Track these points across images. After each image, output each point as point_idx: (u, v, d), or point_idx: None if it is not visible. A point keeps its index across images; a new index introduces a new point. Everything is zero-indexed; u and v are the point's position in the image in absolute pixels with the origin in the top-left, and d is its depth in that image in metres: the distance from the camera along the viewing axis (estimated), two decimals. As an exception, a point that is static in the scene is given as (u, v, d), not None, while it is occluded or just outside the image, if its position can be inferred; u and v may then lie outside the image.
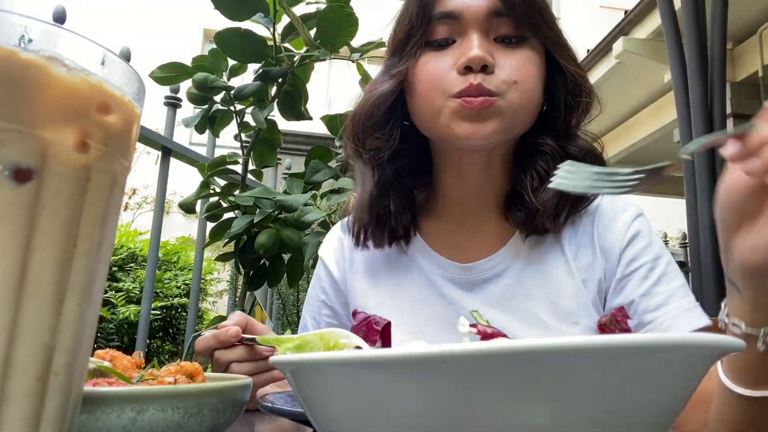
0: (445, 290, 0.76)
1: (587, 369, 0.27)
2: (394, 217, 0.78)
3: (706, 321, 0.68)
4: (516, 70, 0.66)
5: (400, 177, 0.78)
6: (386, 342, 0.50)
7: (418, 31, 0.68)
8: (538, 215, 0.72)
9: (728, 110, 3.48)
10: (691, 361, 0.29)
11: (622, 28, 3.93)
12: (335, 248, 0.87)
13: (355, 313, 0.51)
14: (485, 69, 0.65)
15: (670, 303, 0.68)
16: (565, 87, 0.72)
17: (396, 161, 0.76)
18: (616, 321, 0.43)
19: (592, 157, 0.73)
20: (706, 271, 1.91)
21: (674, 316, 0.68)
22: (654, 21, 3.66)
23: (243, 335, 0.67)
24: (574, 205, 0.73)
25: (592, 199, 0.74)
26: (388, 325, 0.50)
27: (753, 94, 3.85)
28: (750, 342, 0.46)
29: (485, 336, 0.41)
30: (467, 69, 0.65)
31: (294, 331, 0.82)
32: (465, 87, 0.65)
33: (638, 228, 0.74)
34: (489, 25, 0.67)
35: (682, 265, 3.76)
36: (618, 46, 3.91)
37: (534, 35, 0.68)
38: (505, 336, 0.41)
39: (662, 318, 0.68)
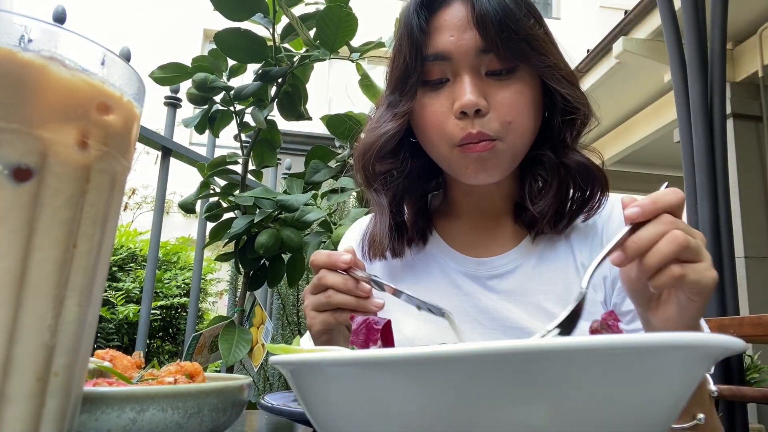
0: (460, 282, 0.80)
1: (586, 369, 0.27)
2: (412, 225, 0.82)
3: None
4: (509, 110, 0.69)
5: (414, 187, 0.82)
6: (386, 342, 0.50)
7: (414, 72, 0.71)
8: (539, 221, 0.76)
9: (728, 110, 3.49)
10: (690, 361, 0.29)
11: (622, 28, 3.93)
12: (357, 241, 0.89)
13: (352, 317, 0.51)
14: (479, 113, 0.68)
15: None
16: (558, 107, 0.74)
17: (409, 177, 0.80)
18: (607, 325, 0.43)
19: (586, 170, 0.75)
20: (706, 271, 1.91)
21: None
22: (654, 21, 3.66)
23: (354, 268, 0.66)
24: (575, 212, 0.77)
25: (594, 206, 0.76)
26: (388, 324, 0.50)
27: (753, 94, 3.85)
28: None
29: None
30: (463, 113, 0.69)
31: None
32: (465, 136, 0.69)
33: None
34: (479, 61, 0.69)
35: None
36: (618, 46, 3.91)
37: (523, 64, 0.70)
38: None
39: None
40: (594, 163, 0.76)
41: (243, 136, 1.62)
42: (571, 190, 0.77)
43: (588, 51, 4.37)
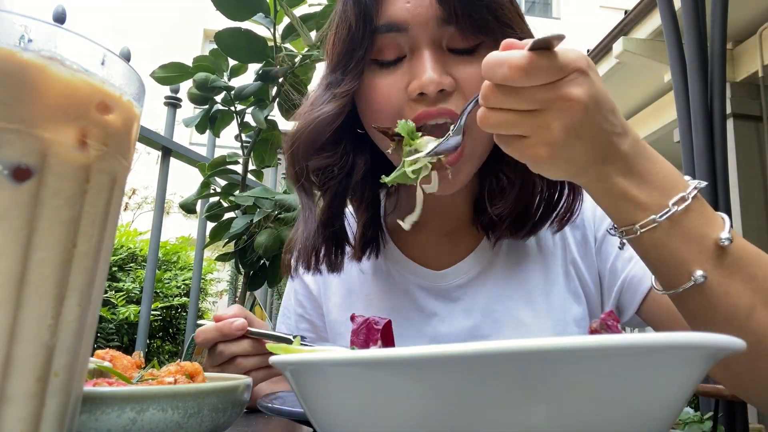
0: (423, 303, 0.72)
1: (586, 369, 0.27)
2: (361, 234, 0.72)
3: None
4: (479, 86, 0.55)
5: (360, 187, 0.71)
6: (387, 342, 0.50)
7: (362, 45, 0.59)
8: (498, 225, 0.68)
9: (728, 110, 3.49)
10: (691, 361, 0.29)
11: (622, 28, 3.93)
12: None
13: (353, 318, 0.50)
14: (443, 92, 0.57)
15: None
16: None
17: (352, 175, 0.68)
18: (606, 326, 0.43)
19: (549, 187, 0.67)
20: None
21: (642, 266, 0.66)
22: (654, 21, 3.66)
23: (249, 328, 0.64)
24: (541, 218, 0.68)
25: (561, 210, 0.67)
26: (388, 324, 0.50)
27: (753, 94, 3.85)
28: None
29: None
30: (421, 94, 0.57)
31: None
32: (420, 114, 0.57)
33: None
34: (441, 34, 0.58)
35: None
36: (618, 46, 3.91)
37: (487, 38, 0.59)
38: None
39: (634, 270, 0.67)
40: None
41: (243, 136, 1.62)
42: (538, 191, 0.67)
43: (588, 51, 4.38)
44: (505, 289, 0.71)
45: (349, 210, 0.75)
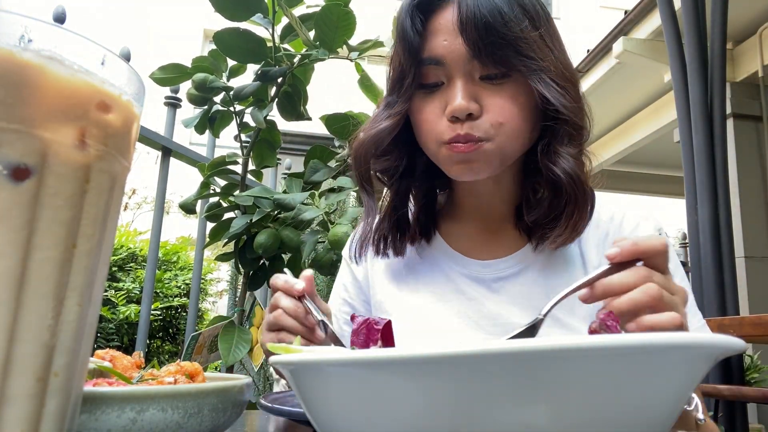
0: (464, 287, 0.78)
1: (587, 369, 0.27)
2: (415, 220, 0.82)
3: None
4: (501, 112, 0.68)
5: (419, 183, 0.82)
6: (387, 342, 0.50)
7: (409, 74, 0.71)
8: (533, 230, 0.75)
9: (728, 110, 3.49)
10: (691, 361, 0.29)
11: (622, 28, 3.92)
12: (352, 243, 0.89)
13: (353, 318, 0.51)
14: (471, 116, 0.68)
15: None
16: (547, 113, 0.71)
17: (409, 174, 0.81)
18: (606, 326, 0.43)
19: (574, 183, 0.70)
20: (706, 271, 1.91)
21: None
22: (654, 21, 3.66)
23: (306, 297, 0.68)
24: (566, 229, 0.72)
25: (571, 225, 0.72)
26: (388, 324, 0.50)
27: (753, 94, 3.85)
28: None
29: None
30: (455, 117, 0.68)
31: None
32: (453, 136, 0.69)
33: None
34: (471, 66, 0.68)
35: (682, 265, 3.76)
36: (618, 46, 3.91)
37: (509, 70, 0.68)
38: None
39: None
40: (584, 178, 0.71)
41: (243, 137, 1.62)
42: (569, 205, 0.72)
43: (588, 51, 4.37)
44: (545, 288, 0.75)
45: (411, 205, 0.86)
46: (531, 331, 0.53)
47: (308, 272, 0.70)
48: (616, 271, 0.52)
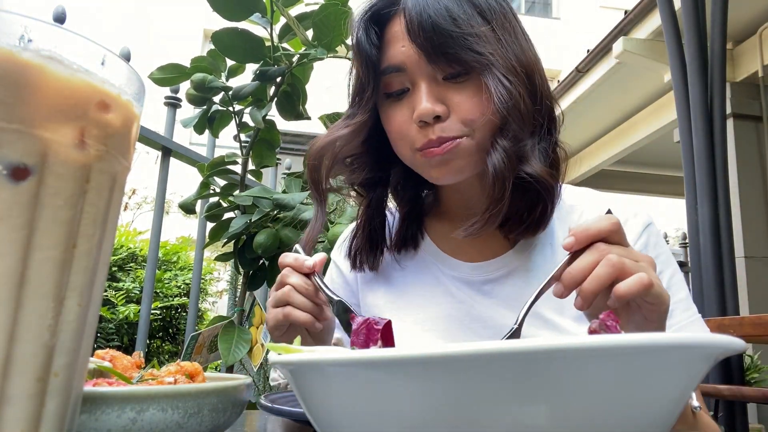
0: (453, 290, 0.77)
1: (587, 369, 0.27)
2: (399, 229, 0.81)
3: None
4: (469, 109, 0.67)
5: (403, 191, 0.81)
6: (387, 341, 0.50)
7: (368, 87, 0.71)
8: (511, 224, 0.72)
9: (728, 110, 3.49)
10: (690, 361, 0.29)
11: (622, 28, 3.92)
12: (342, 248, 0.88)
13: (353, 318, 0.51)
14: (439, 119, 0.67)
15: (672, 317, 0.68)
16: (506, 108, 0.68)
17: (387, 183, 0.80)
18: (605, 326, 0.43)
19: (536, 180, 0.68)
20: (706, 271, 1.91)
21: (675, 330, 0.69)
22: (654, 21, 3.66)
23: (317, 275, 0.68)
24: (534, 223, 0.71)
25: (534, 220, 0.71)
26: (388, 324, 0.50)
27: (753, 94, 3.85)
28: None
29: None
30: (423, 122, 0.67)
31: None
32: (425, 142, 0.68)
33: (647, 238, 0.74)
34: (432, 68, 0.68)
35: (682, 265, 3.76)
36: (618, 46, 3.91)
37: (462, 67, 0.67)
38: None
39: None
40: (546, 174, 0.68)
41: (242, 136, 1.62)
42: (540, 196, 0.70)
43: (588, 51, 4.37)
44: (535, 288, 0.73)
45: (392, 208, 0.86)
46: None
47: (322, 254, 0.70)
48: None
